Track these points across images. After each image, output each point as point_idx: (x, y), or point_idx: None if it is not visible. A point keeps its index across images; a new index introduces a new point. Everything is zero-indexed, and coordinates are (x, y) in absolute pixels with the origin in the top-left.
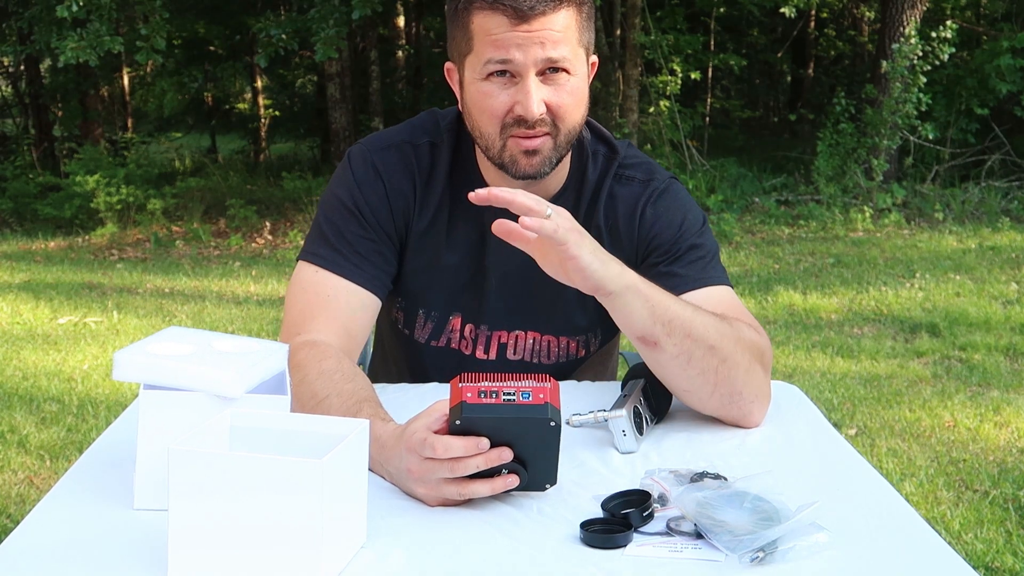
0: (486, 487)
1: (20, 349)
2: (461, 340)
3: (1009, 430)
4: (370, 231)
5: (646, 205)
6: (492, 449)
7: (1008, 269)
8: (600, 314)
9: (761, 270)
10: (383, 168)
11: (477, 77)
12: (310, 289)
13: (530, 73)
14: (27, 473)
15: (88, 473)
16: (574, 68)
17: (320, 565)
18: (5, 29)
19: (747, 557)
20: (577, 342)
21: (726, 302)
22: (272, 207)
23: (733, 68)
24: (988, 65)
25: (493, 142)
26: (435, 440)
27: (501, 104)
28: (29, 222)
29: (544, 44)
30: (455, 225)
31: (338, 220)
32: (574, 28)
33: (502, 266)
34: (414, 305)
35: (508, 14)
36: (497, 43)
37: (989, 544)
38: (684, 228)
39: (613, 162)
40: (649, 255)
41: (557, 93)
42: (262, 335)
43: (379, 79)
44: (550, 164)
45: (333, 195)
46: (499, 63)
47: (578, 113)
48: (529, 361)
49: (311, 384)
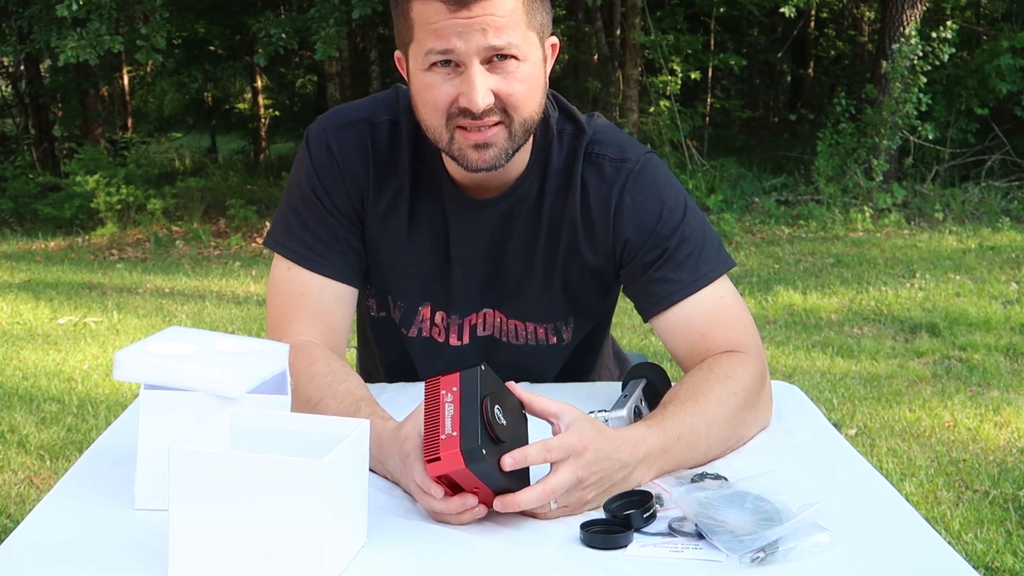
0: (455, 520)
1: (20, 349)
2: (432, 327)
3: (1009, 430)
4: (331, 218)
5: (622, 193)
6: (456, 497)
7: (1008, 269)
8: (570, 306)
9: (761, 270)
10: (337, 149)
11: (420, 68)
12: (285, 288)
13: (473, 62)
14: (27, 473)
15: (88, 473)
16: (524, 54)
17: (321, 565)
18: (5, 29)
19: (748, 557)
20: (546, 329)
21: (718, 306)
22: (272, 207)
23: (733, 68)
24: (988, 65)
25: (440, 135)
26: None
27: (444, 95)
28: (29, 222)
29: (487, 31)
30: (417, 212)
31: (301, 208)
32: (520, 11)
33: (467, 255)
34: (383, 291)
35: (446, 1)
36: (437, 32)
37: (989, 544)
38: (664, 218)
39: (581, 140)
40: (631, 252)
41: (507, 81)
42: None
43: (379, 79)
44: (506, 155)
45: (295, 179)
46: (440, 53)
47: (533, 100)
48: (499, 339)
49: (304, 389)
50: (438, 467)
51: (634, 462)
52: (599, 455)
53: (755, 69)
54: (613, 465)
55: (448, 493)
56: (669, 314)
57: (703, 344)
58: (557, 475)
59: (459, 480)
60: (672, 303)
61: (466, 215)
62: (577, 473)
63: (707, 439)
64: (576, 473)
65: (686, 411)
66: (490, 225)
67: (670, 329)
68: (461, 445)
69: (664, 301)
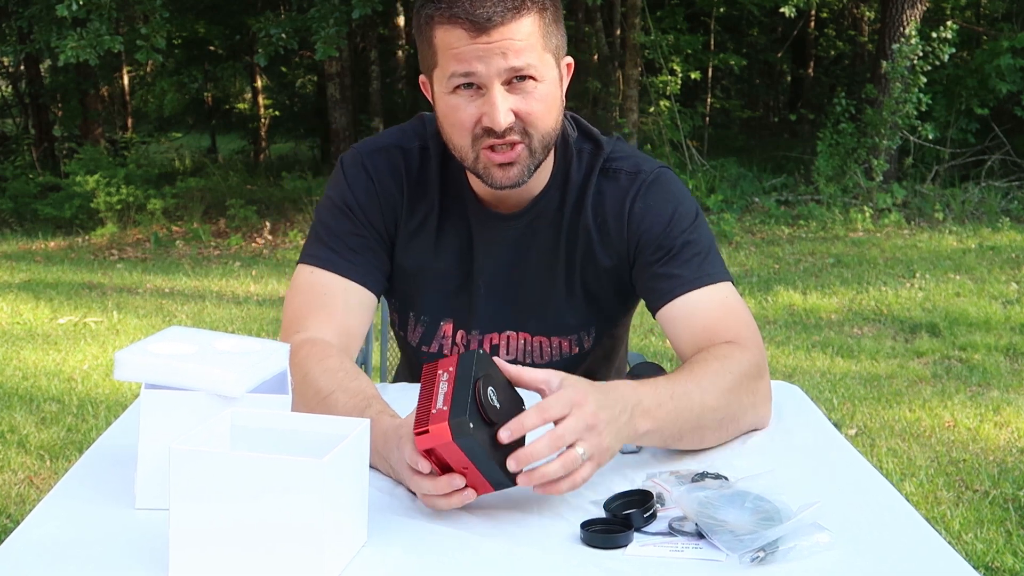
0: (444, 503)
1: (20, 349)
2: (453, 347)
3: (1009, 430)
4: (361, 228)
5: (635, 199)
6: (442, 477)
7: (1008, 269)
8: (591, 313)
9: (761, 270)
10: (372, 169)
11: (444, 91)
12: (307, 289)
13: (495, 84)
14: (27, 473)
15: (88, 473)
16: (541, 74)
17: (321, 565)
18: (5, 29)
19: (748, 557)
20: (569, 341)
21: (723, 303)
22: (272, 207)
23: (733, 68)
24: (988, 65)
25: (466, 154)
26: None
27: (468, 116)
28: (29, 222)
29: (506, 54)
30: (444, 229)
31: (330, 220)
32: (537, 34)
33: (489, 271)
34: (405, 307)
35: (467, 27)
36: (459, 56)
37: (989, 544)
38: (675, 221)
39: (598, 158)
40: (641, 252)
41: (526, 101)
42: (262, 335)
43: (379, 79)
44: (528, 172)
45: (327, 198)
46: (463, 76)
47: (550, 118)
48: (523, 361)
49: (315, 381)
50: (426, 440)
51: (631, 407)
52: (600, 403)
53: (755, 69)
54: (615, 408)
55: (437, 473)
56: (672, 306)
57: (704, 336)
58: (565, 423)
59: (447, 457)
60: (676, 296)
61: (490, 229)
62: (586, 420)
63: (700, 404)
64: (584, 420)
65: (679, 377)
66: (512, 238)
67: (673, 321)
68: (449, 418)
69: (668, 295)
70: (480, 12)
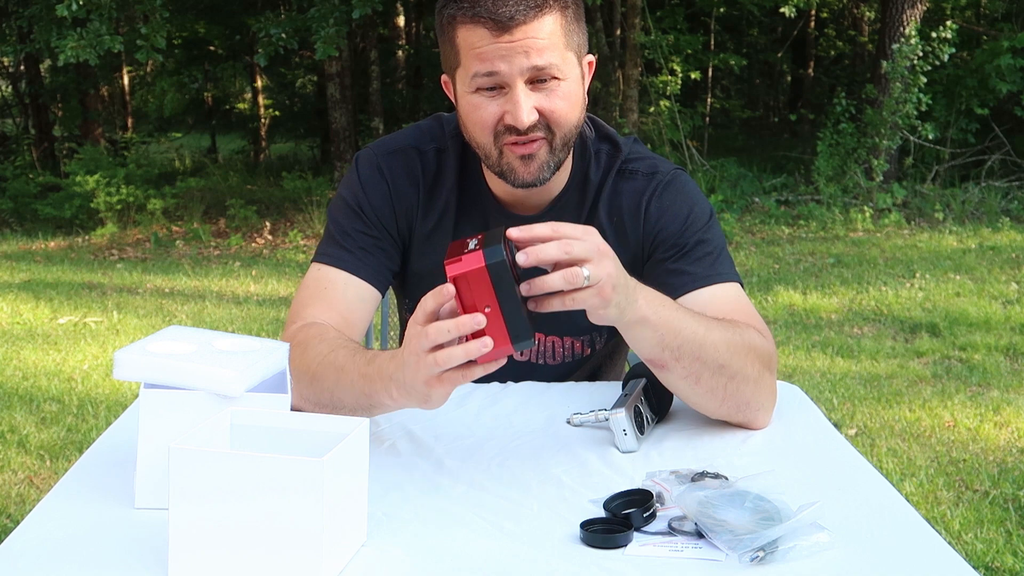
0: (460, 351)
1: (20, 349)
2: None
3: (1009, 430)
4: (372, 228)
5: (651, 199)
6: (464, 315)
7: (1008, 269)
8: None
9: (761, 270)
10: (388, 171)
11: (467, 90)
12: (312, 284)
13: (518, 83)
14: (27, 473)
15: (88, 473)
16: (563, 73)
17: (321, 564)
18: (5, 29)
19: (748, 556)
20: (582, 341)
21: (733, 301)
22: (272, 207)
23: (733, 68)
24: (988, 65)
25: (489, 152)
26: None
27: (491, 115)
28: (29, 222)
29: (529, 53)
30: (461, 230)
31: (341, 218)
32: (559, 33)
33: None
34: None
35: (489, 26)
36: (482, 56)
37: (989, 544)
38: (690, 221)
39: (616, 159)
40: (655, 250)
41: (548, 99)
42: (262, 335)
43: (379, 79)
44: (549, 169)
45: (340, 197)
46: (485, 76)
47: (573, 116)
48: (535, 362)
49: (315, 347)
50: (457, 266)
51: (636, 285)
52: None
53: (755, 69)
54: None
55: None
56: (682, 302)
57: None
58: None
59: (473, 292)
60: (686, 292)
61: None
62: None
63: (704, 336)
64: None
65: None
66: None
67: None
68: (484, 249)
69: (679, 290)
70: (503, 11)
